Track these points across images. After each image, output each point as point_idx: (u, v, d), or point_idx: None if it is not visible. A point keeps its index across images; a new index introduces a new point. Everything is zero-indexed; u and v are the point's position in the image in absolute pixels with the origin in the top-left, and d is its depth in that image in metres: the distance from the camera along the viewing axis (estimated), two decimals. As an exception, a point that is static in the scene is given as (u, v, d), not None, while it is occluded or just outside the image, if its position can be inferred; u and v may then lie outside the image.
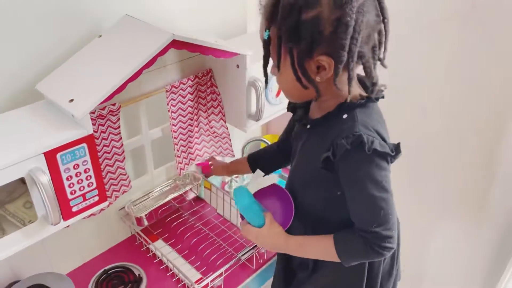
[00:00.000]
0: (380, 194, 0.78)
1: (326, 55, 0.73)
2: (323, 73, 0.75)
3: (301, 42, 0.73)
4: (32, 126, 0.86)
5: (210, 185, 1.36)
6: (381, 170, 0.78)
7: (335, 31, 0.70)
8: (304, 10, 0.71)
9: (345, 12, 0.69)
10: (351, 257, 0.85)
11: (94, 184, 0.92)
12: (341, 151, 0.76)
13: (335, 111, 0.81)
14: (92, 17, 1.01)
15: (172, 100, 1.16)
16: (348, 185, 0.80)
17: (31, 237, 0.87)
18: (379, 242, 0.80)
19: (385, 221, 0.79)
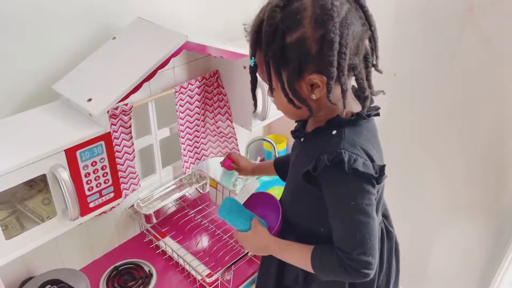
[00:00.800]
0: (358, 216, 0.76)
1: (317, 73, 0.72)
2: (317, 90, 0.75)
3: (289, 65, 0.72)
4: (51, 125, 0.89)
5: (216, 183, 1.39)
6: (362, 191, 0.75)
7: (321, 49, 0.70)
8: (287, 33, 0.70)
9: (328, 29, 0.68)
10: (324, 272, 0.82)
11: (110, 181, 0.95)
12: (321, 166, 0.75)
13: (325, 126, 0.80)
14: (106, 20, 1.04)
15: (181, 101, 1.19)
16: (328, 201, 0.79)
17: (49, 233, 0.89)
18: (353, 265, 0.77)
19: (360, 245, 0.76)
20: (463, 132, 1.32)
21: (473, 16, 1.15)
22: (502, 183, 1.32)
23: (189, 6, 1.23)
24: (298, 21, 0.70)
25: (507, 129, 1.23)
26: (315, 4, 0.69)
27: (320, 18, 0.69)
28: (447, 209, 1.48)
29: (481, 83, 1.23)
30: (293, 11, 0.70)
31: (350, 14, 0.71)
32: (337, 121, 0.79)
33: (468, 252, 1.49)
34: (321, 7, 0.69)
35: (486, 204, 1.38)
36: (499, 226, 1.38)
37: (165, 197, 1.34)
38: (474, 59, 1.21)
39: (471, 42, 1.19)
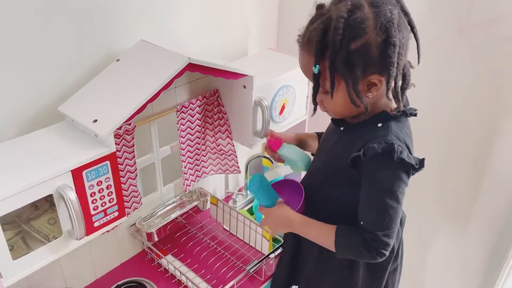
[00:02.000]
0: (391, 202, 0.84)
1: (376, 74, 0.81)
2: (374, 89, 0.83)
3: (354, 68, 0.80)
4: (57, 146, 0.91)
5: (216, 201, 1.41)
6: (400, 181, 0.84)
7: (384, 52, 0.79)
8: (353, 40, 0.78)
9: (391, 34, 0.78)
10: (345, 251, 0.90)
11: (114, 200, 0.97)
12: (371, 153, 0.82)
13: (372, 120, 0.88)
14: (110, 42, 1.07)
15: (182, 120, 1.21)
16: (366, 185, 0.86)
17: (55, 252, 0.91)
18: (376, 245, 0.85)
19: (387, 228, 0.85)
20: (455, 146, 1.35)
21: (465, 36, 1.20)
22: (496, 193, 1.34)
23: (189, 28, 1.27)
24: (362, 29, 0.77)
25: (497, 142, 1.27)
26: (376, 14, 0.78)
27: (383, 25, 0.77)
28: (442, 219, 1.50)
29: (472, 99, 1.27)
30: (357, 20, 0.77)
31: (401, 19, 0.80)
32: (383, 115, 0.87)
33: (465, 264, 1.51)
34: (383, 16, 0.78)
35: (482, 214, 1.40)
36: (495, 237, 1.40)
37: (166, 215, 1.35)
38: (466, 77, 1.25)
39: (463, 60, 1.23)
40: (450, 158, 1.39)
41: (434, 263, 1.59)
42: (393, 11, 0.78)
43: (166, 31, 1.21)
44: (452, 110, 1.32)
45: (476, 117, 1.29)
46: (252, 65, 1.36)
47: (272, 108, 1.27)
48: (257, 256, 1.29)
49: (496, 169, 1.31)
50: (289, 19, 1.55)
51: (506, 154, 1.27)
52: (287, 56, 1.42)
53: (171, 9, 1.20)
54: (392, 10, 0.78)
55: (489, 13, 1.15)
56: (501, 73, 1.19)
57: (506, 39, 1.14)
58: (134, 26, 1.12)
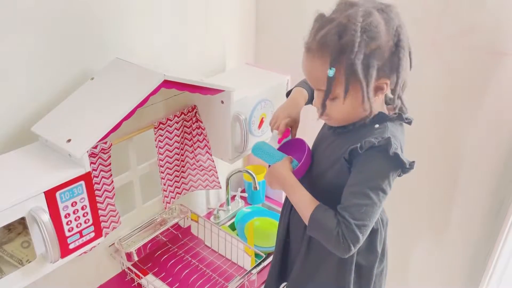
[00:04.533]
0: (373, 194, 0.83)
1: (385, 77, 0.84)
2: (380, 93, 0.86)
3: (369, 71, 0.81)
4: (30, 167, 0.89)
5: (197, 217, 1.39)
6: (386, 178, 0.84)
7: (396, 55, 0.83)
8: (369, 43, 0.80)
9: (400, 37, 0.82)
10: (317, 226, 0.88)
11: (90, 221, 0.95)
12: (368, 145, 0.83)
13: (369, 121, 0.89)
14: (84, 61, 1.06)
15: (160, 136, 1.20)
16: (355, 171, 0.86)
17: (29, 276, 0.88)
18: (347, 233, 0.83)
19: (361, 219, 0.83)
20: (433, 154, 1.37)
21: (436, 49, 1.22)
22: (475, 198, 1.36)
23: (165, 45, 1.27)
24: (377, 32, 0.80)
25: (472, 149, 1.29)
26: (386, 19, 0.82)
27: (394, 29, 0.82)
28: (425, 221, 1.51)
29: (447, 109, 1.29)
30: (372, 24, 0.80)
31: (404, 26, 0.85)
32: (380, 117, 0.89)
33: (448, 267, 1.52)
34: (392, 21, 0.82)
35: (463, 220, 1.42)
36: (476, 242, 1.42)
37: (146, 233, 1.33)
38: (438, 89, 1.28)
39: (435, 73, 1.26)
40: (431, 163, 1.40)
41: (418, 266, 1.60)
42: (399, 18, 0.84)
43: (142, 48, 1.20)
44: (427, 119, 1.34)
45: (450, 127, 1.31)
46: (230, 80, 1.36)
47: (250, 123, 1.27)
48: (239, 272, 1.28)
49: (474, 175, 1.33)
50: (266, 35, 1.56)
51: (482, 161, 1.30)
52: (265, 70, 1.43)
53: (147, 26, 1.20)
54: (398, 17, 0.84)
55: (459, 27, 1.18)
56: (473, 83, 1.22)
57: (475, 50, 1.17)
58: (109, 44, 1.11)
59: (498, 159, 1.27)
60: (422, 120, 1.34)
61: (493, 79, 1.20)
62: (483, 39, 1.16)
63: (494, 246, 1.36)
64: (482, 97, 1.23)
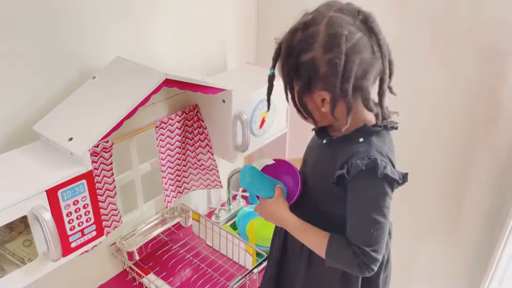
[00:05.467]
0: (378, 217, 0.84)
1: (324, 90, 0.83)
2: (326, 105, 0.84)
3: (300, 79, 0.83)
4: (32, 165, 0.89)
5: (199, 217, 1.39)
6: (385, 196, 0.84)
7: (329, 71, 0.80)
8: (302, 53, 0.81)
9: (334, 55, 0.78)
10: (335, 261, 0.89)
11: (92, 219, 0.95)
12: (355, 170, 0.82)
13: (352, 134, 0.88)
14: (85, 60, 1.06)
15: (161, 135, 1.20)
16: (352, 202, 0.86)
17: (31, 275, 0.88)
18: (366, 260, 0.84)
19: (374, 243, 0.84)
20: (436, 154, 1.37)
21: (437, 50, 1.22)
22: (478, 200, 1.36)
23: (167, 44, 1.27)
24: (310, 44, 0.80)
25: (477, 150, 1.29)
26: (327, 31, 0.79)
27: (328, 44, 0.78)
28: (426, 227, 1.51)
29: (448, 110, 1.29)
30: (308, 35, 0.80)
31: (361, 41, 0.79)
32: (364, 130, 0.87)
33: (450, 271, 1.51)
34: (331, 35, 0.78)
35: (464, 222, 1.42)
36: (478, 245, 1.41)
37: (147, 232, 1.33)
38: (440, 89, 1.27)
39: (437, 72, 1.26)
40: (431, 165, 1.40)
41: (418, 266, 1.60)
42: (346, 32, 0.77)
43: (143, 47, 1.20)
44: (429, 121, 1.34)
45: (451, 127, 1.31)
46: (231, 79, 1.36)
47: (252, 122, 1.27)
48: (240, 272, 1.28)
49: (475, 175, 1.33)
50: (267, 34, 1.56)
51: (486, 159, 1.29)
52: (266, 70, 1.41)
53: (149, 25, 1.20)
54: (346, 31, 0.78)
55: (460, 26, 1.18)
56: (475, 83, 1.22)
57: (477, 49, 1.17)
58: (111, 43, 1.11)
59: (499, 159, 1.27)
60: (423, 120, 1.34)
61: (495, 78, 1.20)
62: (485, 39, 1.16)
63: (496, 246, 1.36)
64: (484, 96, 1.23)
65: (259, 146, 1.34)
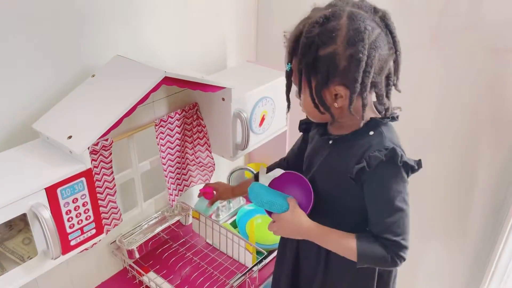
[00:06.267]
0: (401, 205, 0.84)
1: (342, 86, 0.82)
2: (340, 100, 0.84)
3: (318, 74, 0.81)
4: (31, 163, 0.89)
5: (199, 215, 1.39)
6: (404, 182, 0.85)
7: (349, 66, 0.79)
8: (321, 47, 0.79)
9: (358, 49, 0.77)
10: (368, 260, 0.88)
11: (91, 217, 0.95)
12: (376, 162, 0.82)
13: (362, 129, 0.88)
14: (84, 58, 1.06)
15: (161, 134, 1.20)
16: (375, 193, 0.86)
17: (30, 273, 0.88)
18: (398, 251, 0.85)
19: (403, 232, 0.85)
20: (437, 153, 1.37)
21: (438, 45, 1.22)
22: (478, 199, 1.36)
23: (166, 42, 1.27)
24: (332, 38, 0.78)
25: (479, 146, 1.29)
26: (349, 26, 0.78)
27: (352, 38, 0.77)
28: (428, 227, 1.51)
29: (447, 106, 1.29)
30: (329, 28, 0.79)
31: (380, 38, 0.80)
32: (373, 123, 0.87)
33: (451, 270, 1.51)
34: (354, 29, 0.78)
35: (466, 221, 1.42)
36: (479, 243, 1.41)
37: (147, 231, 1.33)
38: (440, 85, 1.27)
39: (437, 69, 1.25)
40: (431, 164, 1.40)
41: (418, 266, 1.60)
42: (368, 27, 0.78)
43: (143, 46, 1.21)
44: (430, 117, 1.34)
45: (453, 126, 1.31)
46: (231, 77, 1.36)
47: (251, 120, 1.27)
48: (240, 270, 1.28)
49: (476, 174, 1.33)
50: (267, 32, 1.56)
51: (486, 158, 1.29)
52: (266, 68, 1.42)
53: (148, 23, 1.20)
54: (368, 26, 0.78)
55: (460, 22, 1.17)
56: (474, 80, 1.22)
57: (477, 47, 1.17)
58: (110, 41, 1.11)
59: (500, 156, 1.27)
60: (423, 118, 1.34)
61: (494, 76, 1.19)
62: (485, 36, 1.16)
63: (496, 245, 1.36)
64: (485, 94, 1.23)
65: (259, 144, 1.33)
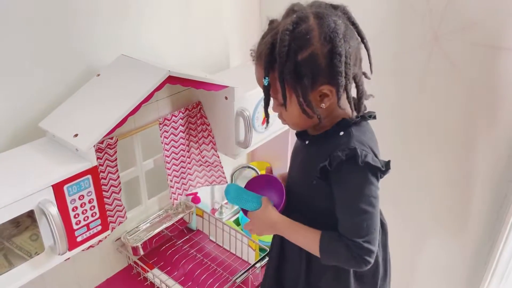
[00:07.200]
0: (366, 207, 0.84)
1: (326, 84, 0.82)
2: (326, 100, 0.84)
3: (303, 79, 0.81)
4: (38, 161, 0.91)
5: (202, 212, 1.41)
6: (370, 184, 0.84)
7: (331, 61, 0.80)
8: (299, 51, 0.79)
9: (335, 44, 0.79)
10: (329, 257, 0.89)
11: (97, 214, 0.97)
12: (336, 161, 0.83)
13: (332, 129, 0.89)
14: (90, 58, 1.08)
15: (165, 132, 1.22)
16: (338, 194, 0.86)
17: (38, 268, 0.90)
18: (360, 252, 0.84)
19: (366, 234, 0.84)
20: (437, 150, 1.38)
21: (438, 44, 1.23)
22: (478, 198, 1.37)
23: (170, 42, 1.28)
24: (307, 40, 0.79)
25: (477, 144, 1.30)
26: (320, 24, 0.80)
27: (327, 35, 0.79)
28: (428, 224, 1.51)
29: (450, 104, 1.30)
30: (302, 32, 0.79)
31: (347, 30, 0.82)
32: (344, 123, 0.88)
33: (451, 268, 1.52)
34: (327, 26, 0.79)
35: (466, 219, 1.42)
36: (479, 241, 1.42)
37: (151, 228, 1.34)
38: (442, 84, 1.28)
39: (437, 67, 1.26)
40: (432, 162, 1.41)
41: (419, 265, 1.61)
42: (337, 22, 0.80)
43: (147, 45, 1.22)
44: (432, 115, 1.35)
45: (455, 122, 1.32)
46: (234, 77, 1.38)
47: (254, 119, 1.28)
48: (243, 266, 1.29)
49: (476, 173, 1.34)
50: (270, 31, 1.57)
51: (487, 155, 1.30)
52: (268, 67, 1.43)
53: (152, 23, 1.21)
54: (336, 21, 0.80)
55: (461, 21, 1.18)
56: (475, 79, 1.23)
57: (479, 45, 1.18)
58: (115, 41, 1.13)
59: (500, 154, 1.27)
60: (425, 116, 1.35)
61: (496, 74, 1.20)
62: (487, 34, 1.16)
63: (496, 243, 1.36)
64: (484, 93, 1.23)
65: (262, 143, 1.35)
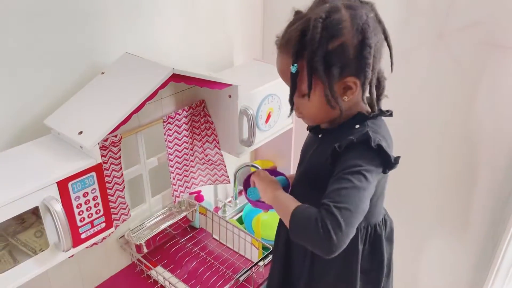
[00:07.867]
0: (354, 179, 0.78)
1: (352, 76, 0.82)
2: (350, 92, 0.84)
3: (331, 69, 0.80)
4: (43, 158, 0.91)
5: (205, 211, 1.41)
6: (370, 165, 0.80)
7: (360, 53, 0.80)
8: (330, 40, 0.79)
9: (366, 35, 0.80)
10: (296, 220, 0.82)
11: (101, 211, 0.97)
12: (346, 143, 0.82)
13: (349, 122, 0.89)
14: (94, 56, 1.09)
15: (169, 130, 1.22)
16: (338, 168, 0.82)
17: (42, 265, 0.90)
18: (326, 214, 0.75)
19: (339, 200, 0.76)
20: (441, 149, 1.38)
21: (443, 42, 1.23)
22: (480, 198, 1.36)
23: (174, 40, 1.29)
24: (339, 29, 0.79)
25: (483, 143, 1.29)
26: (353, 16, 0.80)
27: (360, 26, 0.80)
28: (432, 223, 1.51)
29: (451, 103, 1.30)
30: (334, 21, 0.79)
31: (375, 25, 0.83)
32: (360, 117, 0.88)
33: (455, 267, 1.52)
34: (359, 18, 0.80)
35: (470, 217, 1.42)
36: (483, 240, 1.42)
37: (155, 226, 1.35)
38: (445, 81, 1.28)
39: (443, 66, 1.26)
40: (435, 161, 1.41)
41: (419, 265, 1.60)
42: (369, 15, 0.81)
43: (151, 43, 1.23)
44: (434, 114, 1.35)
45: (456, 122, 1.31)
46: (238, 75, 1.38)
47: (258, 117, 1.28)
48: (246, 265, 1.29)
49: (477, 172, 1.34)
50: (273, 30, 1.56)
51: (490, 154, 1.30)
52: (272, 66, 1.42)
53: (156, 22, 1.22)
54: (368, 14, 0.81)
55: (466, 20, 1.18)
56: (479, 78, 1.22)
57: (483, 44, 1.18)
58: (119, 39, 1.13)
59: (503, 154, 1.27)
60: (428, 115, 1.35)
61: (500, 73, 1.20)
62: (491, 33, 1.16)
63: (500, 243, 1.36)
64: (488, 92, 1.23)
65: (265, 141, 1.35)
